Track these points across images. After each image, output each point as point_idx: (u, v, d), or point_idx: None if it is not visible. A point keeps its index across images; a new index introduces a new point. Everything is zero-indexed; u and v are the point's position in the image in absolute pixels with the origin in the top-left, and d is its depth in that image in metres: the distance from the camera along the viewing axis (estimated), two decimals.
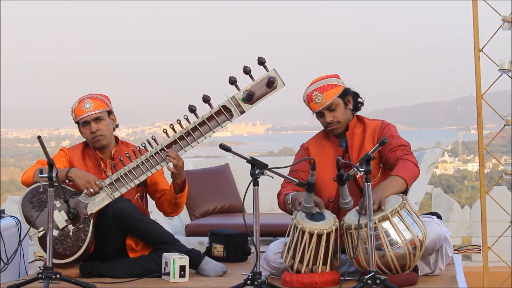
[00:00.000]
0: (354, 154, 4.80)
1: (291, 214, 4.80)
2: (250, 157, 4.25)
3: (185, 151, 4.97)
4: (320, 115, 4.85)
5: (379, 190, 4.46)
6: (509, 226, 5.68)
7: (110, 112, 5.23)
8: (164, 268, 4.94)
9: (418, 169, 4.63)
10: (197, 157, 9.01)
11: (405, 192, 4.64)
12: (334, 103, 4.80)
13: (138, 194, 5.24)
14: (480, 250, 6.12)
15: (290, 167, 4.84)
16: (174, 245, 5.10)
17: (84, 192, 4.95)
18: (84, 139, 5.32)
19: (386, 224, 4.37)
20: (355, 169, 4.15)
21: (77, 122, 5.21)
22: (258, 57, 4.71)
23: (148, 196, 5.38)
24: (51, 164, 4.46)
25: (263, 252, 4.85)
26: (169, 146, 4.94)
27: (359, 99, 4.96)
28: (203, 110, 4.89)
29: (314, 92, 4.80)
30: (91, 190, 4.93)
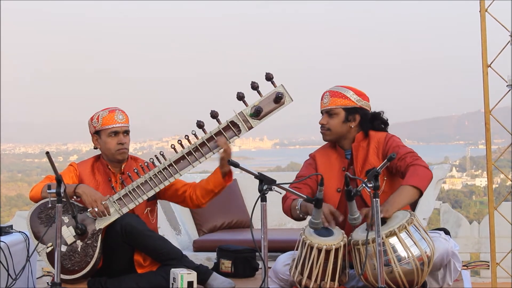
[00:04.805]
0: (358, 166, 4.79)
1: (296, 220, 4.79)
2: (258, 172, 4.24)
3: (193, 167, 4.97)
4: (321, 114, 4.88)
5: (387, 204, 4.44)
6: None
7: None
8: (172, 283, 4.93)
9: (430, 172, 4.58)
10: (205, 172, 9.00)
11: (420, 197, 4.60)
12: (335, 111, 4.81)
13: (149, 208, 5.24)
14: (488, 266, 6.11)
15: (296, 175, 4.87)
16: (182, 261, 5.09)
17: (88, 211, 4.95)
18: (95, 154, 5.31)
19: (393, 240, 4.34)
20: (363, 185, 4.13)
21: (97, 132, 5.19)
22: (266, 72, 4.72)
23: (157, 211, 5.37)
24: (59, 180, 4.46)
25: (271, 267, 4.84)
26: (177, 161, 4.94)
27: (379, 124, 4.91)
28: (211, 126, 4.90)
29: (327, 93, 4.86)
30: (96, 209, 4.93)
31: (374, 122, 4.89)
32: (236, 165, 4.36)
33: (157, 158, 4.97)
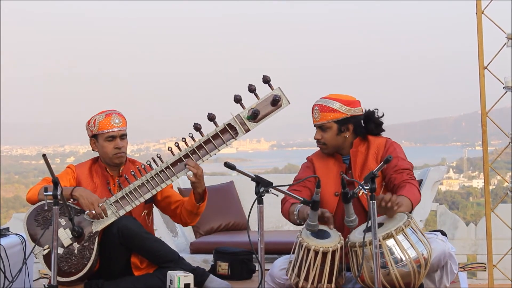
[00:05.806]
0: (357, 171, 4.79)
1: (293, 224, 4.78)
2: (255, 175, 4.23)
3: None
4: (315, 128, 4.87)
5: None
6: None
7: None
8: (169, 286, 4.93)
9: (420, 195, 4.64)
10: None
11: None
12: (327, 126, 4.80)
13: (146, 211, 5.24)
14: (485, 267, 6.11)
15: (295, 178, 4.86)
16: (179, 263, 5.09)
17: (86, 213, 4.94)
18: (93, 156, 5.31)
19: (390, 242, 4.34)
20: (360, 187, 4.13)
21: (94, 135, 5.19)
22: (263, 75, 4.71)
23: (154, 212, 5.37)
24: (56, 182, 4.45)
25: (268, 270, 4.83)
26: (174, 164, 4.94)
27: (373, 126, 4.89)
28: (208, 128, 4.90)
29: (316, 107, 4.84)
30: (93, 212, 4.92)
31: (368, 125, 4.88)
32: (233, 168, 4.36)
33: (154, 160, 4.97)
